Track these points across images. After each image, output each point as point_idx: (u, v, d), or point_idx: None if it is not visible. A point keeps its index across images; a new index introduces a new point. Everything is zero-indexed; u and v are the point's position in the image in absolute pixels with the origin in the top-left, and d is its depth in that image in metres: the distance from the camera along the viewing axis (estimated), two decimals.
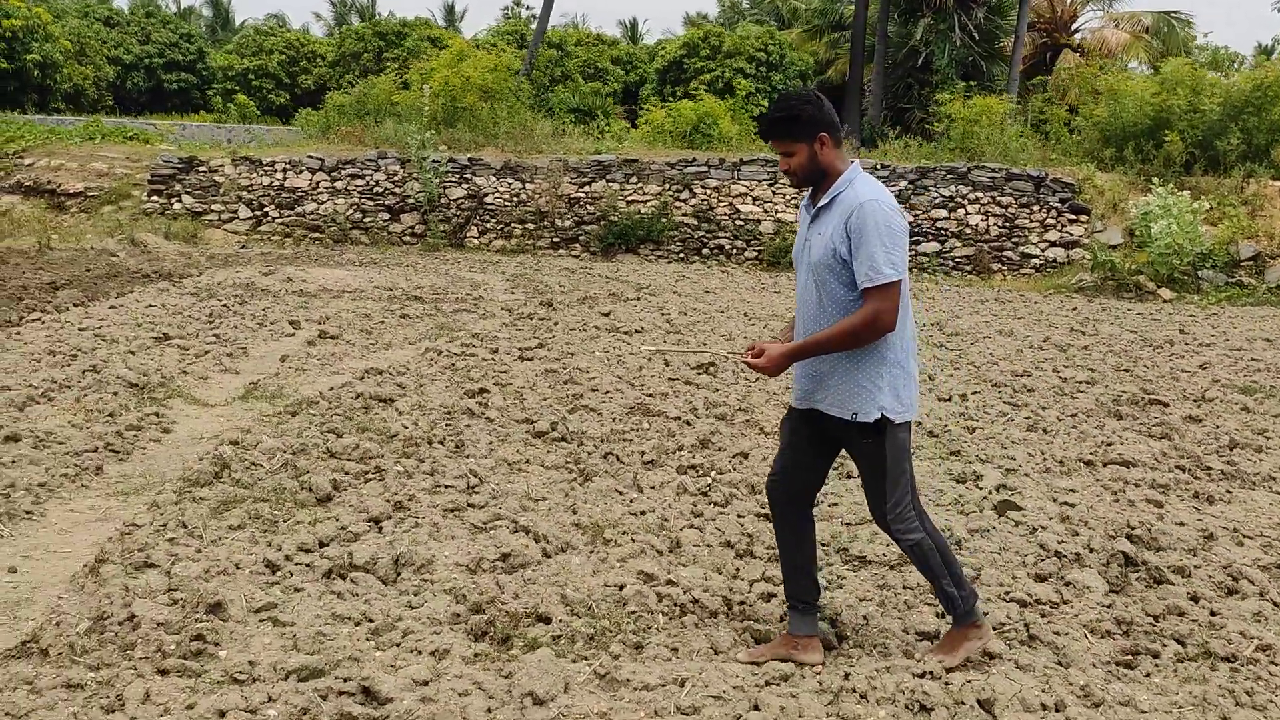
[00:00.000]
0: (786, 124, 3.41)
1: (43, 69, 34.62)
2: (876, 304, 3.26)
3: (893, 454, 3.44)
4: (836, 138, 3.43)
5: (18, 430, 5.74)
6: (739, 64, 39.52)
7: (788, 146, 3.43)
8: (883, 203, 3.32)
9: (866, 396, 3.38)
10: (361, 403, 6.92)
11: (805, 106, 3.38)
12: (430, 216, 17.66)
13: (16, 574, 4.19)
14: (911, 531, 3.51)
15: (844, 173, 3.43)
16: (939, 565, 3.53)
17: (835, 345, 3.35)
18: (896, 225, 3.31)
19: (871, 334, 3.30)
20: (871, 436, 3.43)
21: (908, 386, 3.45)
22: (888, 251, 3.25)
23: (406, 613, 3.93)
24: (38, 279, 11.50)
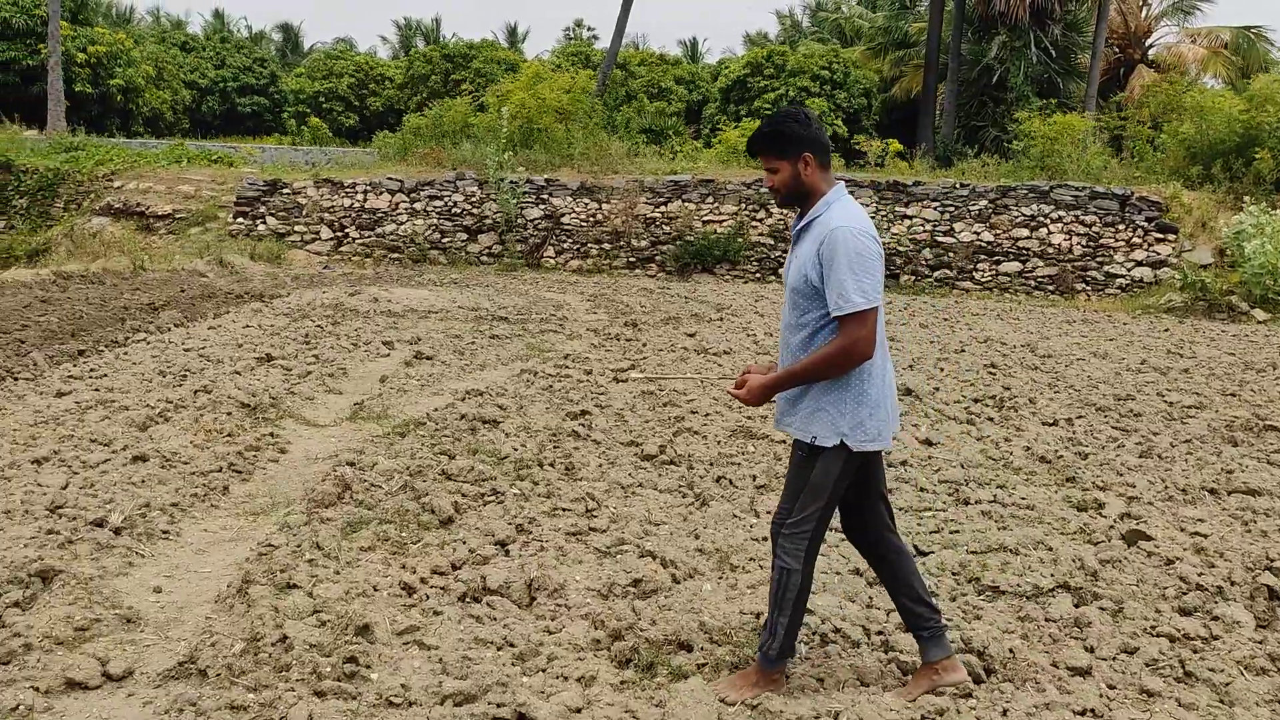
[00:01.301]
0: (771, 140, 3.36)
1: (125, 93, 35.70)
2: (850, 333, 3.21)
3: (819, 478, 3.37)
4: (823, 159, 3.36)
5: (144, 451, 5.88)
6: (803, 82, 39.48)
7: (772, 163, 3.38)
8: (854, 229, 3.24)
9: (828, 421, 3.33)
10: (467, 424, 6.98)
11: (791, 124, 3.33)
12: (507, 237, 17.84)
13: (162, 594, 4.28)
14: (793, 556, 3.42)
15: (825, 195, 3.36)
16: (788, 604, 3.44)
17: (812, 375, 3.31)
18: (868, 252, 3.23)
19: (848, 362, 3.25)
20: (805, 451, 3.40)
21: (874, 416, 3.35)
22: (858, 279, 3.18)
23: (547, 638, 3.95)
24: (137, 300, 11.80)
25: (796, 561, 3.43)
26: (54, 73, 25.78)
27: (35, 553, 4.29)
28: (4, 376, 7.73)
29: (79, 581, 4.18)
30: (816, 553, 3.52)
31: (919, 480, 6.04)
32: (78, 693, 3.43)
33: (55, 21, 25.71)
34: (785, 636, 3.48)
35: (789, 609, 3.45)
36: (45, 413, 6.75)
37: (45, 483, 5.28)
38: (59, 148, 21.51)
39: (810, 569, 3.49)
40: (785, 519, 3.46)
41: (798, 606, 3.48)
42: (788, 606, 3.45)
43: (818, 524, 3.43)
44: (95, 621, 3.87)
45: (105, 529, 4.74)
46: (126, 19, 52.98)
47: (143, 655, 3.70)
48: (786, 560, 3.44)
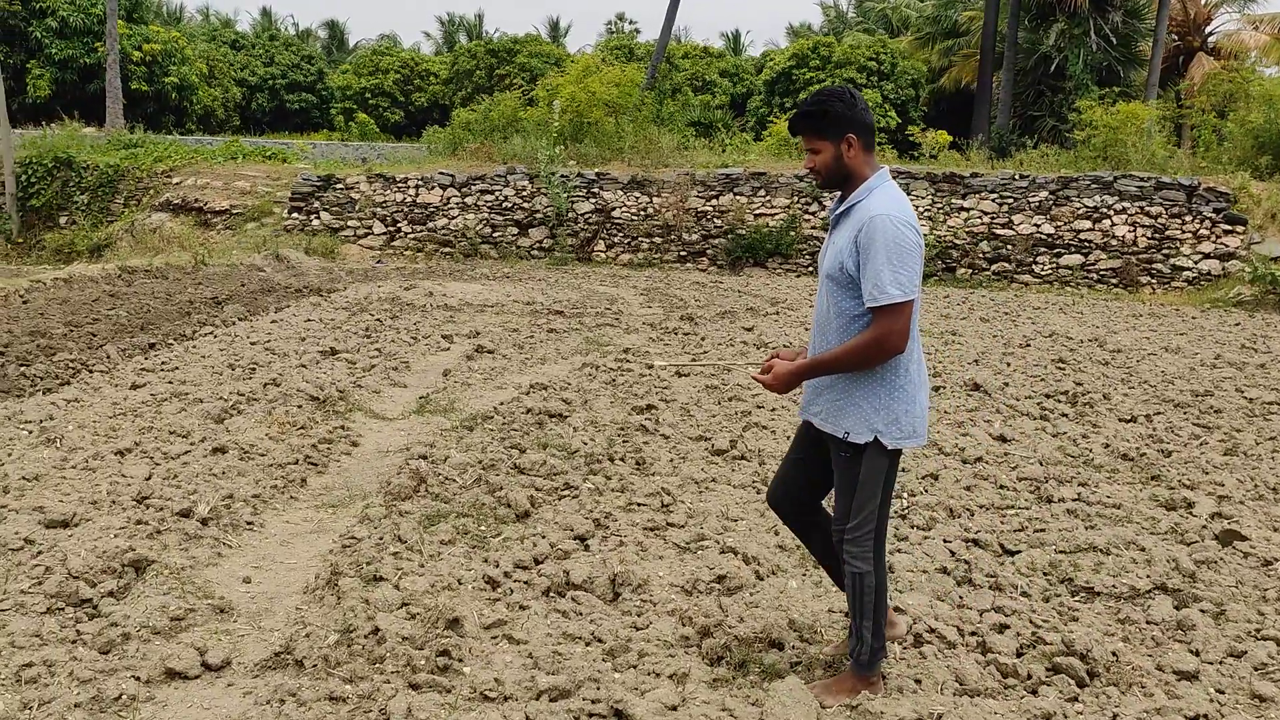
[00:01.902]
0: (814, 119, 3.23)
1: (180, 91, 36.18)
2: (884, 325, 3.09)
3: (867, 475, 3.29)
4: (867, 140, 3.24)
5: (223, 443, 5.93)
6: (849, 74, 39.17)
7: (814, 143, 3.25)
8: (895, 218, 3.10)
9: (861, 417, 3.24)
10: (534, 418, 6.97)
11: (836, 103, 3.20)
12: (558, 231, 17.85)
13: (251, 584, 4.31)
14: (862, 559, 3.35)
15: (868, 180, 3.24)
16: (870, 607, 3.37)
17: (842, 365, 3.20)
18: (908, 243, 3.09)
19: (879, 355, 3.14)
20: (849, 451, 3.30)
21: (910, 412, 3.26)
22: (894, 271, 3.06)
23: (635, 634, 3.92)
24: (200, 294, 11.93)
25: (866, 564, 3.36)
26: (112, 70, 26.17)
27: (126, 543, 4.33)
28: (79, 369, 7.84)
29: (171, 571, 4.22)
30: (884, 549, 3.47)
31: (998, 477, 5.94)
32: (178, 682, 3.45)
33: (113, 20, 26.08)
34: (874, 639, 3.41)
35: (870, 612, 3.38)
36: (123, 405, 6.83)
37: (130, 473, 5.34)
38: (118, 144, 21.84)
39: (881, 566, 3.43)
40: (844, 525, 3.37)
41: (879, 607, 3.40)
42: (869, 610, 3.38)
43: (877, 522, 3.37)
44: (190, 611, 3.90)
45: (192, 520, 4.78)
46: (177, 17, 53.69)
47: (238, 645, 3.72)
48: (856, 565, 3.37)
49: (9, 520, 4.64)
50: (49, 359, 8.01)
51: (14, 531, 4.46)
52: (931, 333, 11.23)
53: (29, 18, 32.78)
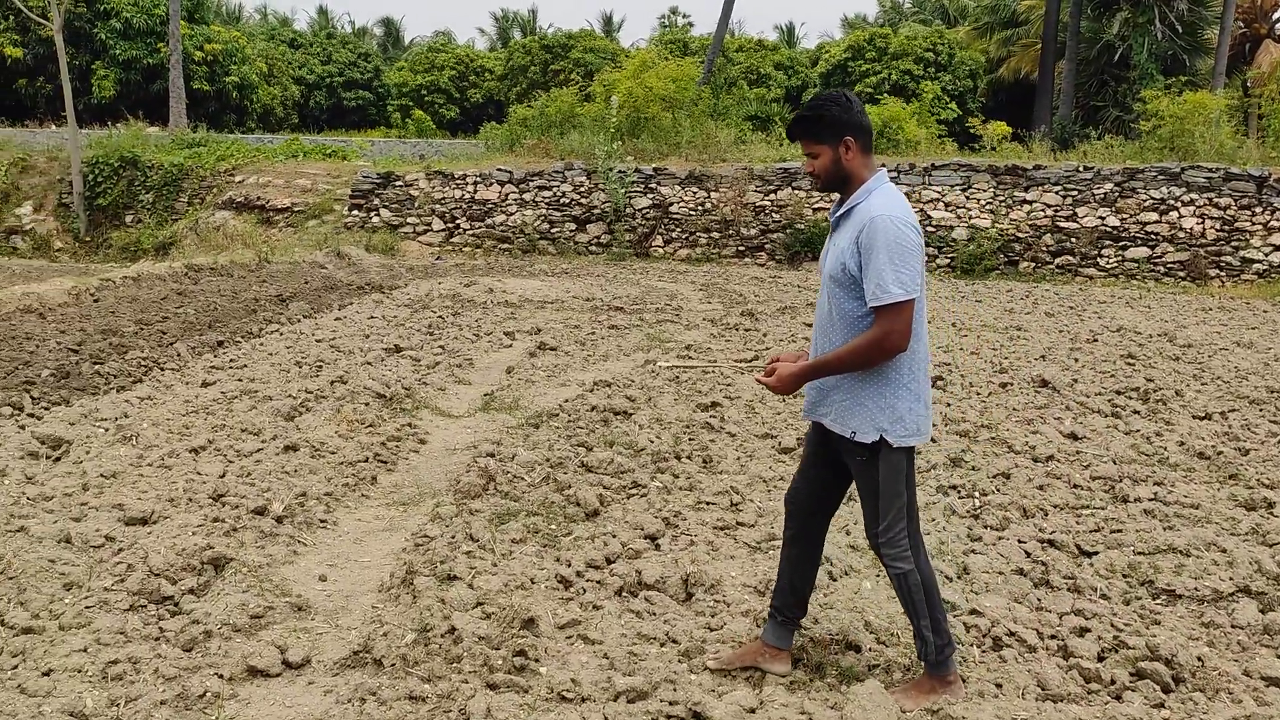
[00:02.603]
0: (812, 124, 3.26)
1: (240, 90, 36.76)
2: (886, 324, 3.11)
3: (886, 476, 3.29)
4: (864, 143, 3.26)
5: (294, 440, 6.01)
6: (906, 65, 38.72)
7: (812, 147, 3.28)
8: (895, 218, 3.12)
9: (866, 416, 3.25)
10: (599, 415, 6.98)
11: (833, 108, 3.22)
12: (616, 226, 17.86)
13: (327, 582, 4.36)
14: (901, 560, 3.34)
15: (866, 182, 3.25)
16: (921, 604, 3.35)
17: (845, 366, 3.22)
18: (909, 243, 3.12)
19: (881, 355, 3.16)
20: (865, 454, 3.30)
21: (914, 410, 3.27)
22: (896, 270, 3.08)
23: (710, 635, 3.90)
24: (265, 291, 12.12)
25: (906, 563, 3.35)
26: (175, 70, 26.66)
27: (204, 540, 4.41)
28: (151, 367, 8.00)
29: (249, 569, 4.28)
30: (920, 543, 3.46)
31: (1071, 476, 5.83)
32: (260, 680, 3.50)
33: (175, 21, 26.57)
34: (937, 636, 3.39)
35: (925, 610, 3.37)
36: (195, 402, 6.96)
37: (204, 471, 5.44)
38: (181, 144, 22.26)
39: (923, 560, 3.42)
40: (876, 529, 3.37)
41: (933, 602, 3.39)
42: (923, 608, 3.37)
43: (904, 520, 3.36)
44: (269, 609, 3.95)
45: (267, 517, 4.85)
46: (236, 17, 54.57)
47: (317, 643, 3.76)
48: (897, 565, 3.36)
49: (90, 517, 4.74)
50: (121, 357, 8.18)
51: (95, 528, 4.56)
52: (996, 328, 11.06)
53: (94, 20, 33.49)
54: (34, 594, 3.91)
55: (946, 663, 3.42)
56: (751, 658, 3.63)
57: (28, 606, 3.81)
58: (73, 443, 5.87)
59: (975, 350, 9.63)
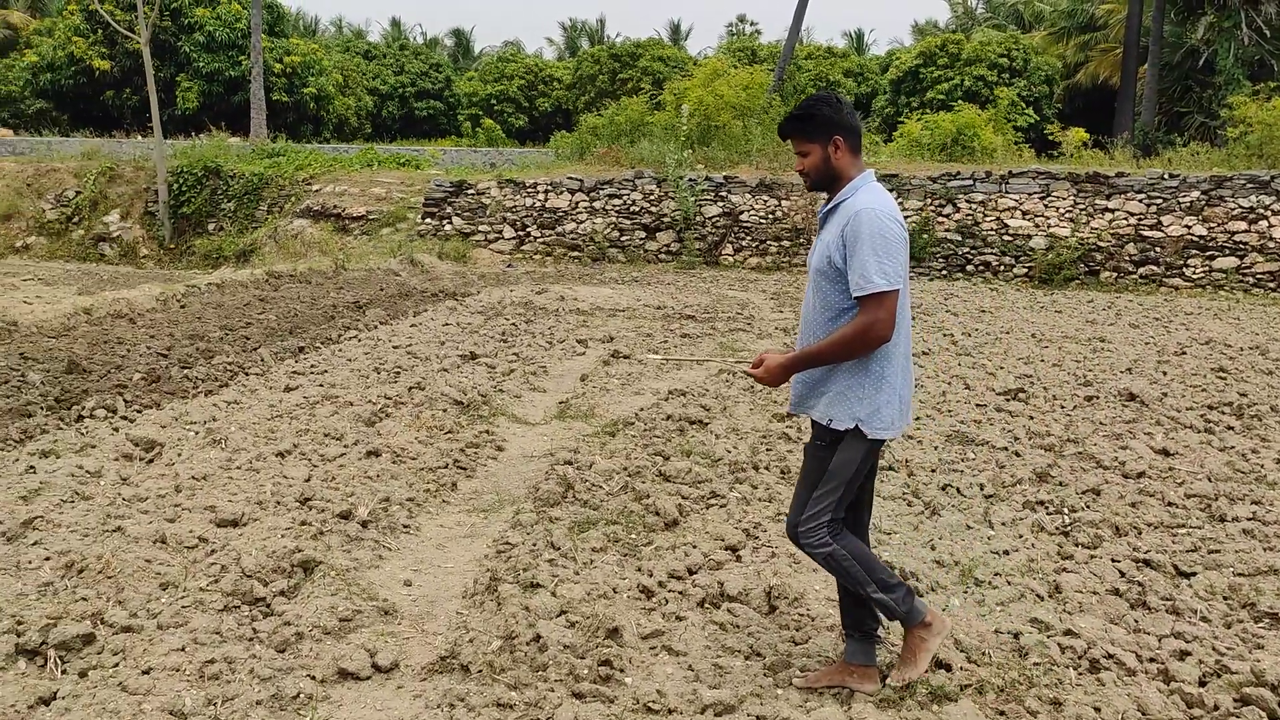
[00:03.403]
0: (803, 123, 3.34)
1: (317, 101, 37.51)
2: (870, 314, 3.17)
3: (837, 465, 3.33)
4: (853, 143, 3.34)
5: (376, 446, 6.09)
6: (979, 71, 38.16)
7: (802, 146, 3.36)
8: (879, 211, 3.19)
9: (845, 405, 3.30)
10: (675, 424, 6.96)
11: (822, 107, 3.31)
12: (686, 234, 17.85)
13: (412, 587, 4.40)
14: (820, 545, 3.36)
15: (854, 180, 3.33)
16: (860, 573, 3.36)
17: (830, 357, 3.26)
18: (892, 235, 3.18)
19: (864, 345, 3.20)
20: (826, 440, 3.35)
21: (890, 403, 3.31)
22: (880, 261, 3.14)
23: (795, 649, 3.85)
24: (342, 298, 12.32)
25: (827, 544, 3.36)
26: (256, 83, 27.30)
27: (293, 543, 4.47)
28: (236, 372, 8.17)
29: (337, 573, 4.33)
30: (841, 525, 3.41)
31: (1164, 494, 5.66)
32: (350, 683, 3.54)
33: (257, 34, 27.21)
34: (891, 593, 3.39)
35: (865, 577, 3.37)
36: (279, 407, 7.08)
37: (290, 475, 5.53)
38: (262, 154, 22.76)
39: (846, 538, 3.39)
40: (798, 518, 3.40)
41: (871, 567, 3.38)
42: (863, 576, 3.37)
43: (833, 511, 3.36)
44: (357, 613, 3.99)
45: (352, 522, 4.91)
46: (313, 30, 55.80)
47: (404, 648, 3.79)
48: (818, 551, 3.37)
49: (183, 518, 4.85)
50: (208, 362, 8.37)
51: (188, 529, 4.66)
52: (1078, 339, 10.82)
53: (179, 33, 34.47)
54: (132, 593, 4.00)
55: (917, 609, 3.44)
56: (838, 677, 3.58)
57: (126, 605, 3.90)
58: (164, 445, 6.01)
59: (1057, 362, 9.42)
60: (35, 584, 4.03)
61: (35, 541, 4.47)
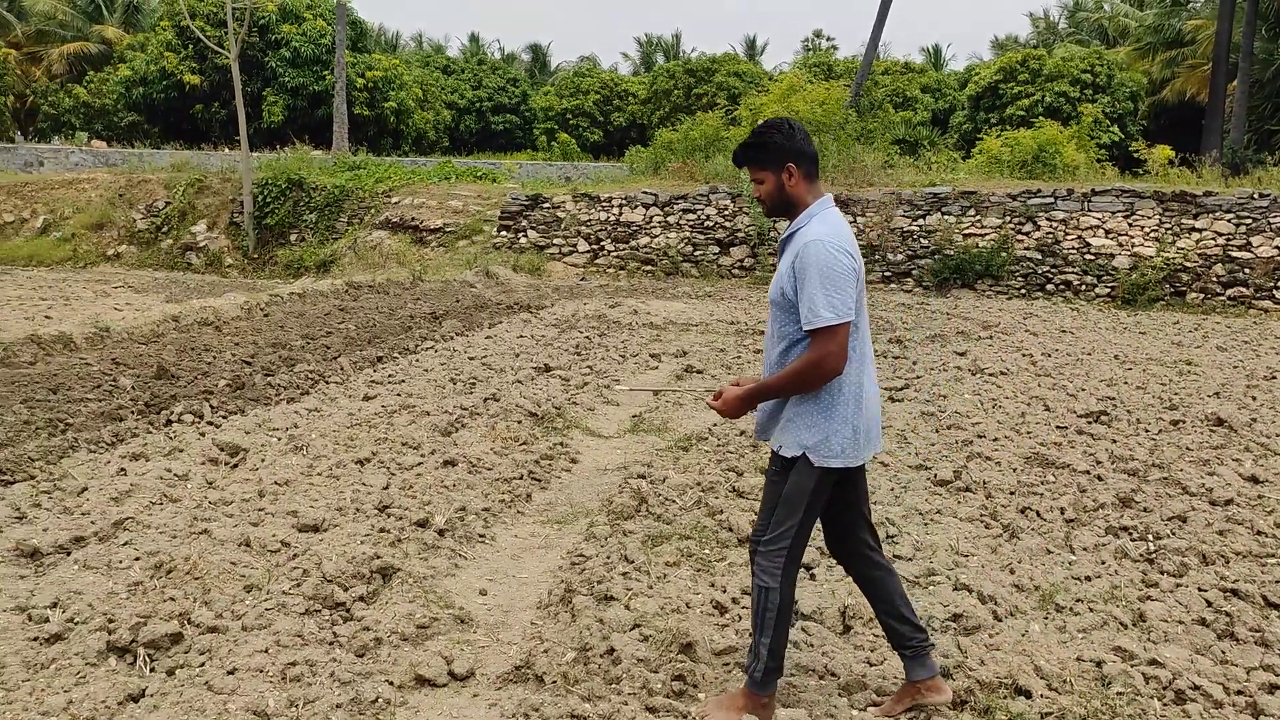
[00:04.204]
0: (755, 150, 3.33)
1: (397, 115, 38.25)
2: (819, 348, 3.15)
3: (791, 491, 3.30)
4: (808, 170, 3.31)
5: (452, 456, 6.17)
6: (1061, 87, 37.52)
7: (757, 174, 3.35)
8: (829, 243, 3.15)
9: (793, 432, 3.29)
10: (748, 440, 6.94)
11: (774, 134, 3.29)
12: (760, 250, 17.80)
13: (488, 596, 4.45)
14: (769, 575, 3.32)
15: (810, 207, 3.30)
16: (770, 624, 3.32)
17: (785, 389, 3.25)
18: (840, 267, 3.14)
19: (817, 377, 3.18)
20: (779, 465, 3.36)
21: (840, 433, 3.26)
22: (827, 294, 3.11)
23: (869, 670, 3.81)
24: (419, 309, 12.53)
25: (774, 580, 3.32)
26: (339, 97, 27.94)
27: (372, 550, 4.55)
28: (317, 380, 8.35)
29: (414, 580, 4.40)
30: (796, 571, 3.40)
31: (1254, 522, 5.48)
32: (427, 689, 3.59)
33: (341, 50, 27.86)
34: (770, 658, 3.35)
35: (770, 629, 3.33)
36: (357, 415, 7.22)
37: (369, 482, 5.63)
38: (343, 166, 23.27)
39: (790, 588, 3.36)
40: (761, 537, 3.37)
41: (780, 626, 3.34)
42: (769, 627, 3.33)
43: (794, 541, 3.33)
44: (434, 620, 4.05)
45: (429, 530, 4.98)
46: (394, 45, 56.93)
47: (479, 656, 3.83)
48: (764, 579, 3.33)
49: (266, 523, 4.96)
50: (290, 370, 8.57)
51: (271, 534, 4.77)
52: (1163, 361, 10.54)
53: (265, 49, 35.45)
54: (218, 594, 4.11)
55: (767, 685, 3.39)
56: (909, 699, 3.54)
57: (212, 606, 4.01)
58: (248, 450, 6.17)
59: (1141, 385, 9.19)
60: (125, 583, 4.16)
61: (126, 542, 4.61)
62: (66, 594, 3.97)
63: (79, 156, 29.59)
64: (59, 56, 42.59)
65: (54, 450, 5.96)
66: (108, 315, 10.92)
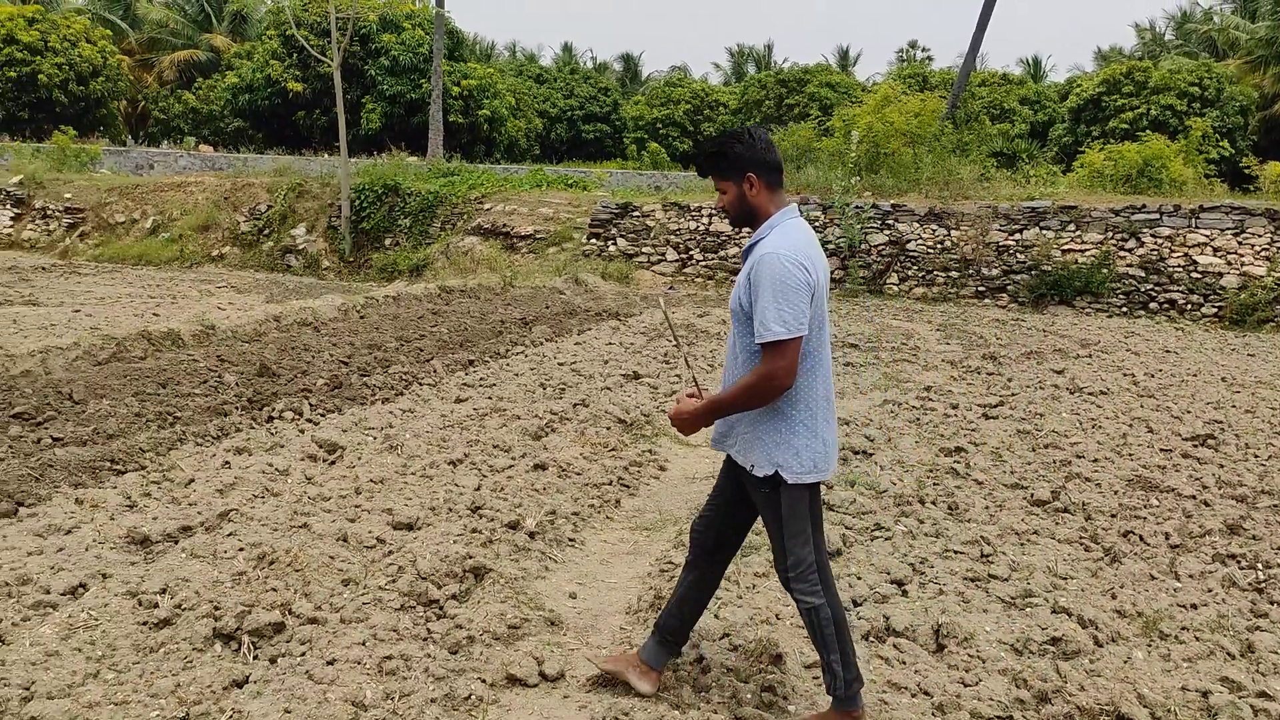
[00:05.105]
0: (715, 160, 3.31)
1: (491, 123, 38.84)
2: (770, 362, 3.12)
3: (789, 512, 3.29)
4: (769, 179, 3.27)
5: (542, 460, 6.23)
6: (1167, 100, 36.44)
7: (720, 184, 3.33)
8: (783, 256, 3.11)
9: (764, 451, 3.26)
10: (838, 454, 6.86)
11: (735, 144, 3.26)
12: (850, 262, 17.63)
13: (577, 600, 4.48)
14: (811, 595, 3.31)
15: (771, 217, 3.27)
16: (832, 638, 3.31)
17: (737, 404, 3.23)
18: (794, 280, 3.10)
19: (769, 391, 3.15)
20: (767, 489, 3.31)
21: (810, 447, 3.25)
22: (779, 308, 3.08)
23: (964, 690, 3.74)
24: (510, 314, 12.68)
25: (817, 597, 3.32)
26: (435, 105, 28.49)
27: (464, 549, 4.62)
28: (411, 382, 8.51)
29: (505, 581, 4.45)
30: (830, 577, 3.40)
31: None
32: (519, 689, 3.63)
33: (438, 59, 28.40)
34: (845, 670, 3.33)
35: (835, 644, 3.32)
36: (450, 417, 7.34)
37: (461, 484, 5.71)
38: (438, 173, 23.69)
39: (833, 596, 3.36)
40: (784, 565, 3.36)
41: (842, 637, 3.33)
42: (833, 642, 3.32)
43: (815, 552, 3.34)
44: (524, 621, 4.09)
45: (520, 532, 5.04)
46: (489, 54, 57.82)
47: (570, 659, 3.86)
48: (807, 600, 3.32)
49: (363, 519, 5.07)
50: (385, 371, 8.75)
51: (368, 530, 4.87)
52: (1273, 385, 10.14)
53: (366, 58, 36.31)
54: (317, 587, 4.21)
55: (854, 699, 3.36)
56: (623, 665, 3.61)
57: (312, 598, 4.11)
58: (345, 448, 6.31)
59: (1250, 408, 8.86)
60: (230, 572, 4.29)
61: (230, 533, 4.76)
62: (175, 581, 4.11)
63: (187, 160, 30.69)
64: (170, 64, 44.33)
65: (163, 442, 6.18)
66: (212, 314, 11.28)
